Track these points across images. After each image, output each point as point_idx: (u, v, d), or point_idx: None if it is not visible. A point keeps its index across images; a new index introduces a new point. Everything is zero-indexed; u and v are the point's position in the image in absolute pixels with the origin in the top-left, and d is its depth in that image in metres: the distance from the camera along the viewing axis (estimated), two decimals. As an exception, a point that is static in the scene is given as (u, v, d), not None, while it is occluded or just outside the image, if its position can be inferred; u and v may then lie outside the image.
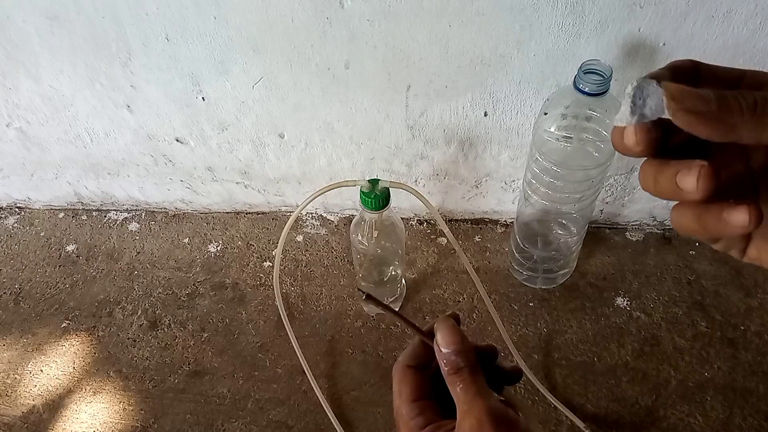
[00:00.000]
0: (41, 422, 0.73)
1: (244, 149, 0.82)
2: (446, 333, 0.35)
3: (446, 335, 0.35)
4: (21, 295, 0.86)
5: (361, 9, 0.63)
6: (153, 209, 0.95)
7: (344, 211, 0.92)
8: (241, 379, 0.76)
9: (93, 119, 0.80)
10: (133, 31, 0.68)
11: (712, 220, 0.24)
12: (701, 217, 0.25)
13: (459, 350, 0.34)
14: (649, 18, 0.61)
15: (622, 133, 0.25)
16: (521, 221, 0.79)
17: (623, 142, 0.26)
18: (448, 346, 0.34)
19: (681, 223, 0.26)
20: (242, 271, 0.87)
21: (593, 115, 0.63)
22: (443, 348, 0.34)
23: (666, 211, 0.85)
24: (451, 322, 0.35)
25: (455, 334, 0.35)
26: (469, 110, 0.73)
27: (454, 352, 0.34)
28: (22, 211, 0.98)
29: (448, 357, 0.34)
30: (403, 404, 0.35)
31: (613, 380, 0.73)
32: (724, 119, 0.23)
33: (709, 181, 0.23)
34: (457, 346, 0.34)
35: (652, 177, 0.26)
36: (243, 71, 0.71)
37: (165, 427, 0.72)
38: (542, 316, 0.79)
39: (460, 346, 0.34)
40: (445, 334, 0.35)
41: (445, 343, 0.34)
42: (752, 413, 0.70)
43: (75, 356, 0.79)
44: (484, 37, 0.64)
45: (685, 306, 0.79)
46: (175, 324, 0.82)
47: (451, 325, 0.35)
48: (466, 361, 0.34)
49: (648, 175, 0.26)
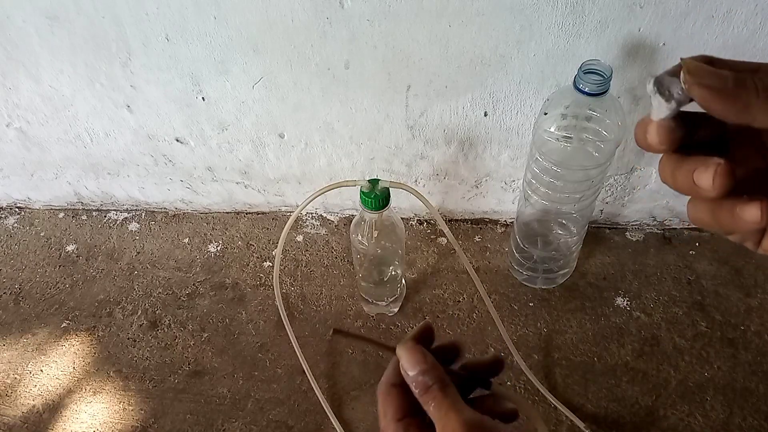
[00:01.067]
0: (41, 422, 0.73)
1: (244, 149, 0.82)
2: (408, 355, 0.35)
3: (408, 358, 0.35)
4: (21, 295, 0.86)
5: (361, 9, 0.63)
6: (153, 209, 0.95)
7: (344, 211, 0.92)
8: (241, 379, 0.76)
9: (93, 119, 0.80)
10: (133, 31, 0.68)
11: (725, 215, 0.25)
12: (715, 212, 0.25)
13: (424, 370, 0.34)
14: (649, 18, 0.61)
15: (646, 130, 0.26)
16: (521, 221, 0.79)
17: (646, 140, 0.26)
18: (412, 368, 0.34)
19: (696, 216, 0.27)
20: (242, 271, 0.87)
21: (593, 115, 0.63)
22: (408, 371, 0.35)
23: (666, 211, 0.85)
24: (410, 343, 0.35)
25: (416, 354, 0.35)
26: (469, 110, 0.73)
27: (420, 372, 0.34)
28: (22, 211, 0.98)
29: (415, 379, 0.34)
30: (389, 424, 0.35)
31: (613, 380, 0.73)
32: (739, 97, 0.23)
33: (724, 179, 0.24)
34: (421, 366, 0.34)
35: (670, 171, 0.26)
36: (243, 71, 0.71)
37: (165, 427, 0.72)
38: (542, 316, 0.79)
39: (424, 365, 0.34)
40: (407, 358, 0.35)
41: (409, 365, 0.35)
42: (752, 413, 0.70)
43: (75, 356, 0.79)
44: (484, 37, 0.64)
45: (685, 306, 0.79)
46: (175, 324, 0.82)
47: (410, 347, 0.35)
48: (433, 378, 0.34)
49: (666, 169, 0.27)
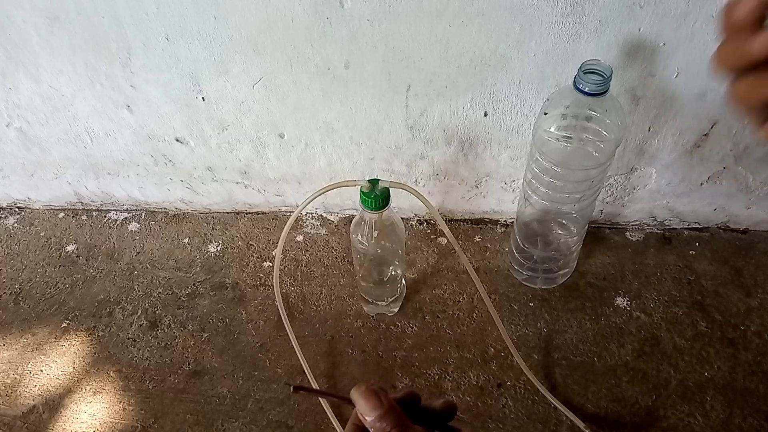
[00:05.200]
0: (41, 422, 0.73)
1: (244, 149, 0.82)
2: (364, 401, 0.34)
3: (364, 403, 0.34)
4: (21, 295, 0.86)
5: (361, 9, 0.63)
6: (153, 209, 0.95)
7: (344, 211, 0.92)
8: (241, 379, 0.76)
9: (93, 119, 0.80)
10: (133, 31, 0.68)
11: None
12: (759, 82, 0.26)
13: (382, 414, 0.34)
14: (649, 18, 0.61)
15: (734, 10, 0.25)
16: (521, 221, 0.79)
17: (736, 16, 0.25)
18: (370, 413, 0.34)
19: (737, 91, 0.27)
20: (242, 271, 0.87)
21: (593, 115, 0.63)
22: (366, 416, 0.34)
23: (666, 211, 0.85)
24: (363, 388, 0.35)
25: (372, 399, 0.34)
26: (469, 110, 0.73)
27: (377, 418, 0.34)
28: (22, 211, 0.98)
29: (373, 424, 0.34)
30: None
31: (613, 380, 0.73)
32: None
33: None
34: (378, 411, 0.34)
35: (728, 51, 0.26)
36: (243, 71, 0.71)
37: (165, 427, 0.72)
38: (542, 316, 0.79)
39: (381, 409, 0.34)
40: (363, 403, 0.34)
41: (366, 411, 0.34)
42: (752, 413, 0.70)
43: (75, 356, 0.79)
44: (484, 37, 0.64)
45: (685, 306, 0.79)
46: (175, 324, 0.82)
47: (364, 391, 0.35)
48: (392, 422, 0.34)
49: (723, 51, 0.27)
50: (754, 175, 0.78)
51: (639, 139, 0.74)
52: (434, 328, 0.79)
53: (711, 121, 0.71)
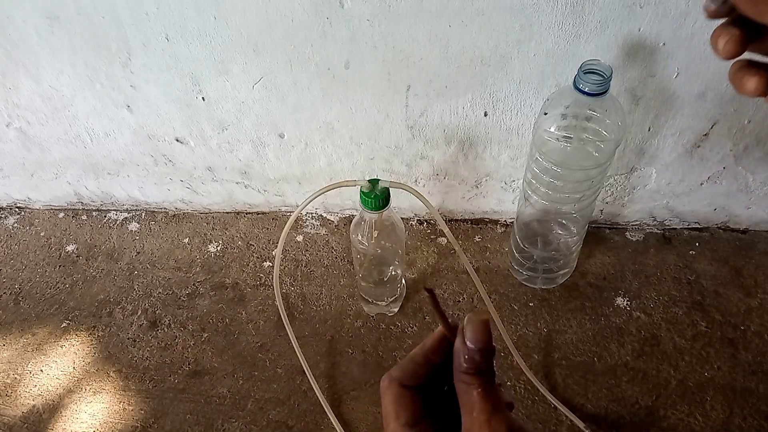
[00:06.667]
0: (41, 422, 0.73)
1: (244, 149, 0.82)
2: (477, 330, 0.31)
3: (477, 332, 0.31)
4: (21, 295, 0.86)
5: (361, 9, 0.63)
6: (153, 209, 0.95)
7: (344, 211, 0.92)
8: (241, 379, 0.76)
9: (93, 119, 0.80)
10: (133, 31, 0.68)
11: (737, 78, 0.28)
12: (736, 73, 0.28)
13: (485, 351, 0.31)
14: (649, 18, 0.61)
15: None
16: (521, 221, 0.79)
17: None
18: (476, 342, 0.31)
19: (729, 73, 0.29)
20: (242, 271, 0.87)
21: (593, 115, 0.63)
22: (469, 343, 0.31)
23: (666, 211, 0.85)
24: (486, 321, 0.31)
25: (487, 334, 0.31)
26: (469, 110, 0.73)
27: (479, 351, 0.30)
28: (22, 211, 0.98)
29: (471, 354, 0.30)
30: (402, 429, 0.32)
31: (613, 380, 0.73)
32: None
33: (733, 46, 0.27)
34: (484, 345, 0.31)
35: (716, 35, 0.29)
36: (243, 71, 0.71)
37: (165, 427, 0.72)
38: (542, 316, 0.79)
39: (489, 346, 0.31)
40: (476, 331, 0.31)
41: (474, 339, 0.31)
42: (752, 413, 0.70)
43: (75, 356, 0.79)
44: (484, 37, 0.64)
45: (685, 306, 0.79)
46: (175, 324, 0.82)
47: (484, 320, 0.31)
48: (487, 365, 0.31)
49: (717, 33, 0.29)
50: (754, 175, 0.78)
51: (639, 139, 0.74)
52: (434, 328, 0.79)
53: (711, 121, 0.71)
